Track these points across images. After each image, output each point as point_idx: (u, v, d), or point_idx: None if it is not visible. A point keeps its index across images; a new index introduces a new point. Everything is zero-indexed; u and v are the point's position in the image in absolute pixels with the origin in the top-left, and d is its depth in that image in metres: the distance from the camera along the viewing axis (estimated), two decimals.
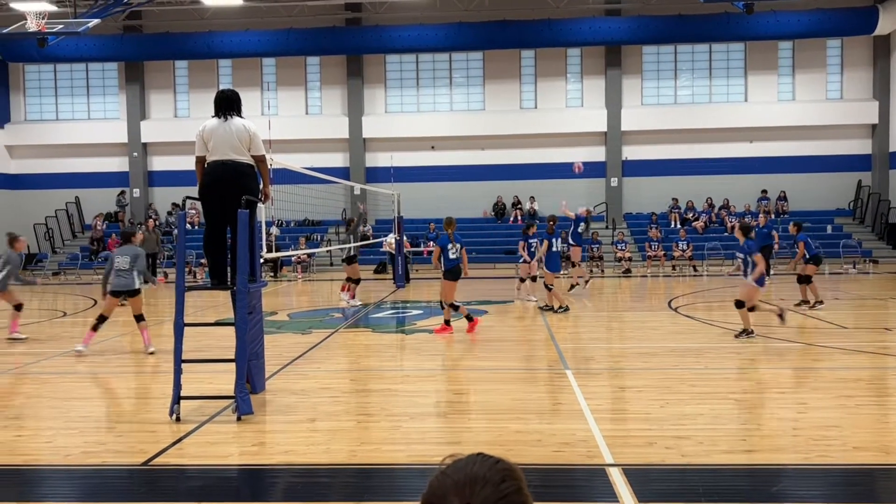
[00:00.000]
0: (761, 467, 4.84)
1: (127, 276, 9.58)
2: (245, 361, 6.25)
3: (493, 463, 1.27)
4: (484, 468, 1.26)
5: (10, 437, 5.79)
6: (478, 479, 1.24)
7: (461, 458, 1.29)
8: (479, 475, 1.24)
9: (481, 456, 1.29)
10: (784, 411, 6.11)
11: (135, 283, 9.61)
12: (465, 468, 1.26)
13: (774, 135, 26.82)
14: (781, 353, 8.90)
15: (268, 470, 5.03)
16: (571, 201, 27.19)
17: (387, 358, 9.37)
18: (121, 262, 9.60)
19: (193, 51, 26.77)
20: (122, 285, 9.57)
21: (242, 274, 6.20)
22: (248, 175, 6.49)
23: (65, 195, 28.28)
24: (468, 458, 1.29)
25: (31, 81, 29.18)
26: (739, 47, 27.07)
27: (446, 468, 1.28)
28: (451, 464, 1.29)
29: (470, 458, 1.29)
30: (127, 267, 9.58)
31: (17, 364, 8.89)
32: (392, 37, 26.01)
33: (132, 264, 9.60)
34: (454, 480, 1.24)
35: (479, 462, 1.27)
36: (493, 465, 1.27)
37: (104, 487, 4.84)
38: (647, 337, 10.40)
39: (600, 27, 25.70)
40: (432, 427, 5.86)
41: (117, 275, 9.60)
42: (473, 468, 1.26)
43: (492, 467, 1.26)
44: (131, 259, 9.61)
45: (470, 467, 1.26)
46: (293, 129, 27.00)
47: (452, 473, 1.26)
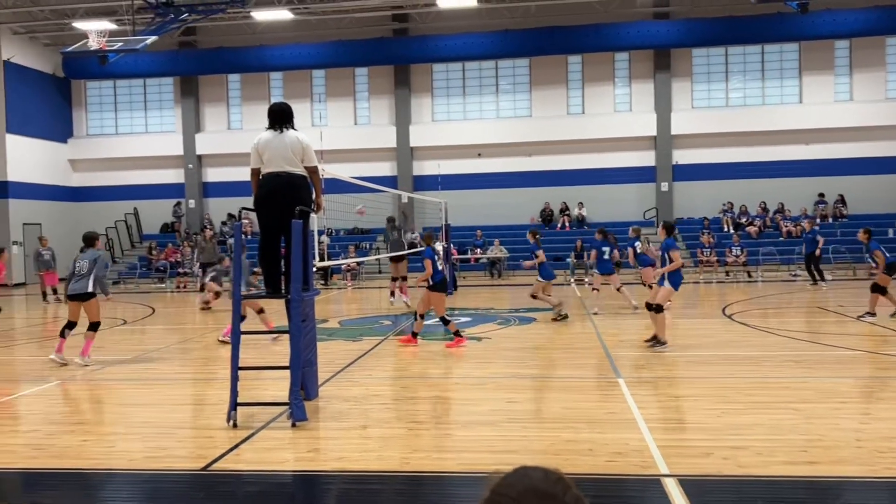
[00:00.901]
0: (823, 479, 4.71)
1: (83, 280, 9.36)
2: (299, 368, 6.36)
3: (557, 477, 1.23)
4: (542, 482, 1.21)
5: (76, 441, 6.01)
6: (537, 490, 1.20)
7: (507, 474, 1.23)
8: (539, 489, 1.20)
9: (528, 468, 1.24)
10: (846, 421, 5.92)
11: (88, 287, 9.33)
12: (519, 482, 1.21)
13: (831, 136, 26.06)
14: (843, 361, 8.63)
15: (323, 476, 5.11)
16: (621, 206, 27.03)
17: (436, 365, 9.40)
18: (80, 266, 9.41)
19: (245, 64, 27.45)
20: (75, 289, 9.38)
21: (296, 283, 6.32)
22: (302, 186, 6.62)
23: (124, 206, 29.23)
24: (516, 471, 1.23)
25: (93, 97, 30.28)
26: (793, 47, 26.42)
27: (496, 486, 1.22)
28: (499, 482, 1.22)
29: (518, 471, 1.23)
30: (84, 272, 9.38)
31: (82, 371, 9.21)
32: (439, 46, 26.20)
33: (89, 269, 9.39)
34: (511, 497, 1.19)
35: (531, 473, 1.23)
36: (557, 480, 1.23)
37: (165, 491, 4.98)
38: (701, 345, 10.20)
39: (648, 31, 25.41)
40: (483, 435, 5.87)
41: (75, 279, 9.41)
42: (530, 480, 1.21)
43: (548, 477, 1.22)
44: (89, 263, 9.42)
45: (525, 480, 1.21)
46: (342, 140, 27.37)
47: (507, 490, 1.20)
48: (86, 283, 9.35)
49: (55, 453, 5.67)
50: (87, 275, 9.37)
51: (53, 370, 9.29)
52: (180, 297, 21.34)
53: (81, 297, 9.37)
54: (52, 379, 8.72)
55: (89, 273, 9.37)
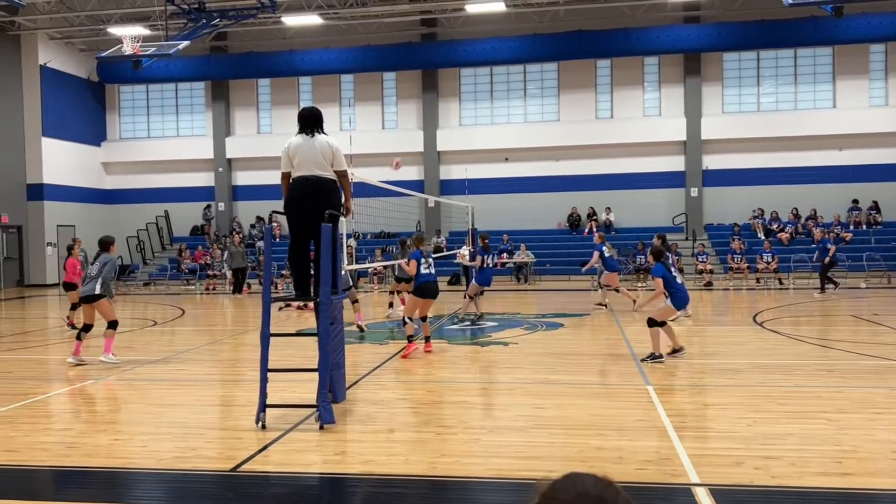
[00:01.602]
0: (857, 492, 4.61)
1: (91, 283, 9.65)
2: (328, 371, 6.39)
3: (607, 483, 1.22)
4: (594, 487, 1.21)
5: (107, 440, 6.10)
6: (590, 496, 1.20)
7: (557, 480, 1.24)
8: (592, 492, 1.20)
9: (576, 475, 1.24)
10: (882, 433, 5.79)
11: (95, 289, 9.61)
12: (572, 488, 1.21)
13: (866, 142, 25.59)
14: (878, 371, 8.45)
15: (350, 479, 5.12)
16: (649, 211, 26.80)
17: (463, 370, 9.39)
18: (91, 269, 9.77)
19: (275, 69, 27.75)
20: (85, 291, 9.72)
21: (325, 286, 6.36)
22: (332, 190, 6.66)
23: (155, 209, 29.69)
24: (566, 477, 1.24)
25: (126, 101, 30.83)
26: (827, 51, 26.00)
27: (548, 491, 1.22)
28: (550, 487, 1.23)
29: (568, 477, 1.24)
30: (94, 274, 9.67)
31: (113, 371, 9.35)
32: (467, 50, 26.23)
33: (98, 272, 9.66)
34: (567, 502, 1.19)
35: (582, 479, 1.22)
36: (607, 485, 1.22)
37: (195, 491, 5.03)
38: (731, 352, 10.06)
39: (679, 35, 25.19)
40: (511, 441, 5.84)
41: (86, 282, 9.77)
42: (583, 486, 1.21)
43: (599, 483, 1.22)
44: (99, 266, 9.71)
45: (577, 486, 1.21)
46: (370, 144, 27.50)
47: (561, 495, 1.20)
48: (94, 286, 9.66)
49: (87, 451, 5.76)
50: (96, 277, 9.67)
51: (87, 370, 9.45)
52: (209, 298, 21.59)
53: (91, 299, 9.68)
54: (85, 378, 8.86)
55: (98, 276, 9.67)
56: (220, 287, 24.10)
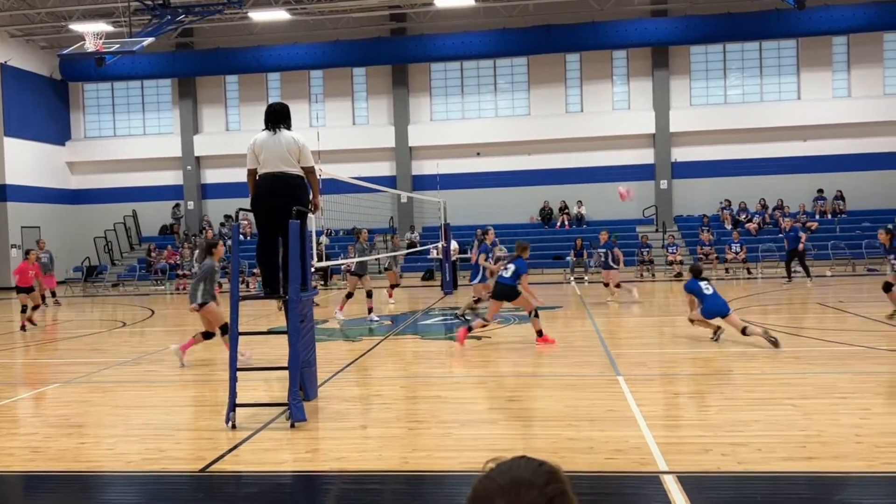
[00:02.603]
0: (822, 475, 4.70)
1: (193, 288, 9.44)
2: (298, 369, 6.35)
3: (537, 465, 1.26)
4: (528, 471, 1.24)
5: (73, 444, 5.99)
6: (523, 482, 1.22)
7: (505, 462, 1.28)
8: (524, 478, 1.23)
9: (525, 459, 1.28)
10: (846, 417, 5.91)
11: (197, 298, 9.27)
12: (509, 471, 1.24)
13: (830, 132, 26.07)
14: (842, 357, 8.62)
15: (321, 476, 5.10)
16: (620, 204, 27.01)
17: (436, 365, 9.39)
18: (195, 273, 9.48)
19: (243, 65, 27.45)
20: (191, 298, 9.47)
21: (294, 283, 6.31)
22: (299, 186, 6.61)
23: (122, 209, 29.25)
24: (512, 460, 1.28)
25: (90, 99, 30.29)
26: (791, 44, 26.42)
27: (490, 472, 1.26)
28: (495, 467, 1.27)
29: (514, 460, 1.27)
30: (196, 280, 9.46)
31: (80, 374, 9.20)
32: (437, 45, 26.19)
33: (199, 278, 9.41)
34: (499, 484, 1.23)
35: (523, 465, 1.26)
36: (537, 467, 1.25)
37: (164, 493, 4.97)
38: (701, 341, 10.19)
39: (646, 28, 25.40)
40: (483, 434, 5.86)
41: (192, 287, 9.46)
42: (518, 471, 1.24)
43: (536, 470, 1.25)
44: (200, 272, 9.50)
45: (514, 470, 1.24)
46: (341, 140, 27.39)
47: (497, 477, 1.24)
48: (195, 295, 9.27)
49: (53, 456, 5.66)
50: (197, 284, 9.32)
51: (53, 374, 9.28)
52: (179, 298, 21.32)
53: (198, 307, 9.28)
54: (51, 382, 8.71)
55: (198, 283, 9.30)
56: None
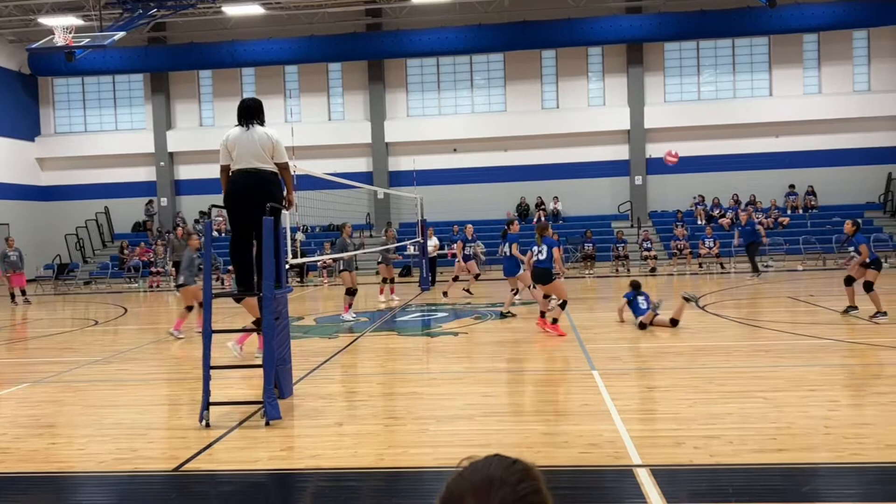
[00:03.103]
0: (792, 466, 4.77)
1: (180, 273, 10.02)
2: (273, 367, 6.31)
3: (509, 464, 1.26)
4: (500, 469, 1.24)
5: (44, 444, 5.90)
6: (495, 480, 1.22)
7: (478, 460, 1.28)
8: (495, 476, 1.23)
9: (498, 457, 1.28)
10: (815, 409, 6.02)
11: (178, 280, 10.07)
12: (482, 470, 1.24)
13: (801, 129, 26.44)
14: (811, 349, 8.77)
15: (296, 474, 5.08)
16: (595, 200, 27.22)
17: (413, 361, 9.39)
18: None
19: (217, 60, 27.14)
20: None
21: (268, 280, 6.27)
22: (272, 182, 6.56)
23: (94, 205, 28.80)
24: (485, 459, 1.28)
25: (60, 94, 29.77)
26: (763, 41, 26.75)
27: (463, 470, 1.27)
28: (468, 466, 1.27)
29: (487, 459, 1.27)
30: None
31: (51, 373, 9.06)
32: (413, 41, 26.12)
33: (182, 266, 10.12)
34: (471, 482, 1.23)
35: (495, 463, 1.26)
36: (509, 465, 1.25)
37: (137, 493, 4.92)
38: (675, 336, 10.30)
39: (621, 25, 25.56)
40: (459, 430, 5.87)
41: None
42: (490, 469, 1.24)
43: (508, 468, 1.25)
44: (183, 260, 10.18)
45: (487, 468, 1.24)
46: (316, 136, 27.22)
47: (469, 475, 1.24)
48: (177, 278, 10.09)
49: (23, 457, 5.57)
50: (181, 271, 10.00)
51: (22, 374, 9.13)
52: (153, 296, 21.09)
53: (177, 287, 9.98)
54: (19, 382, 8.57)
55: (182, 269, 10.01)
56: (164, 284, 23.57)
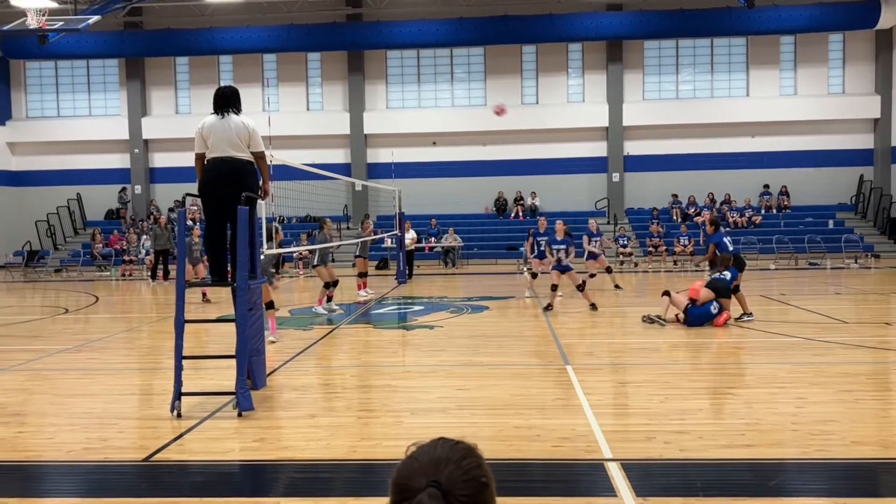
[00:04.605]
0: (760, 461, 4.85)
1: None
2: (246, 358, 6.27)
3: (453, 444, 1.40)
4: (445, 449, 1.38)
5: (11, 433, 5.82)
6: (441, 459, 1.35)
7: (424, 444, 1.41)
8: (442, 456, 1.36)
9: (443, 440, 1.42)
10: (783, 406, 6.12)
11: None
12: (429, 452, 1.38)
13: (776, 129, 26.79)
14: (781, 347, 8.90)
15: (268, 465, 5.05)
16: (573, 196, 27.36)
17: (388, 354, 9.39)
18: None
19: (194, 47, 26.79)
20: None
21: (242, 270, 6.22)
22: (248, 172, 6.50)
23: (66, 192, 28.35)
24: (431, 442, 1.41)
25: (32, 78, 29.21)
26: (741, 42, 27.03)
27: (412, 453, 1.40)
28: (416, 449, 1.41)
29: (432, 442, 1.41)
30: None
31: (19, 361, 8.92)
32: (393, 32, 26.01)
33: None
34: (420, 463, 1.36)
35: (440, 444, 1.39)
36: (453, 445, 1.39)
37: (106, 483, 4.86)
38: (648, 332, 10.40)
39: (601, 22, 25.67)
40: (433, 422, 5.88)
41: None
42: (437, 451, 1.38)
43: (453, 447, 1.39)
44: None
45: (433, 450, 1.38)
46: (294, 126, 27.01)
47: (419, 457, 1.37)
48: None
49: None
50: None
51: None
52: (125, 284, 20.83)
53: None
54: None
55: None
56: (137, 273, 23.29)
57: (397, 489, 1.34)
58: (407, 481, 1.33)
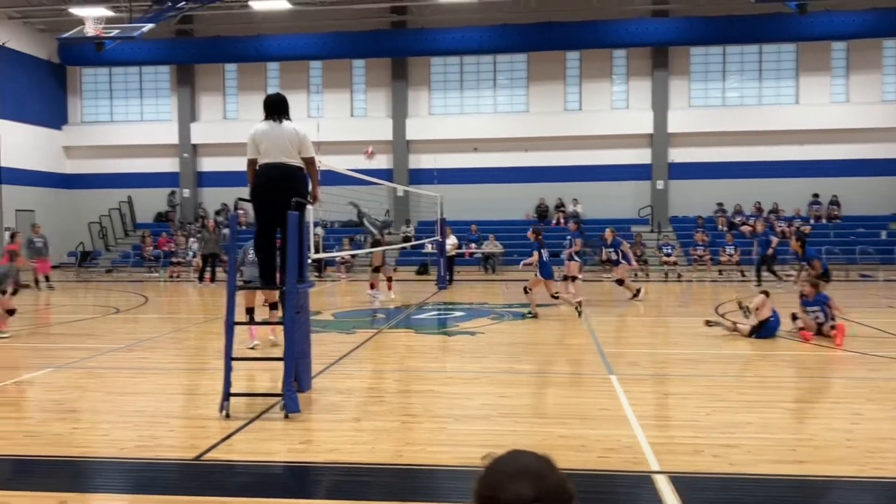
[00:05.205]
0: (812, 479, 4.73)
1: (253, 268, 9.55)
2: (293, 360, 6.36)
3: (537, 456, 1.38)
4: (532, 461, 1.36)
5: (67, 429, 6.00)
6: (532, 471, 1.34)
7: (502, 455, 1.39)
8: (532, 468, 1.35)
9: (523, 451, 1.40)
10: (837, 422, 5.96)
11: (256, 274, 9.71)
12: (512, 462, 1.36)
13: (827, 137, 26.15)
14: (834, 361, 8.68)
15: (314, 467, 5.11)
16: (616, 203, 27.08)
17: (430, 359, 9.42)
18: (249, 256, 9.76)
19: (242, 54, 27.35)
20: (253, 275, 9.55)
21: (291, 274, 6.31)
22: (298, 177, 6.60)
23: (118, 195, 29.14)
24: (512, 453, 1.39)
25: (88, 84, 30.13)
26: (791, 48, 26.47)
27: (495, 465, 1.37)
28: (496, 460, 1.38)
29: (513, 453, 1.39)
30: (251, 260, 9.64)
31: (74, 359, 9.19)
32: (437, 39, 26.15)
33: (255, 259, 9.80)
34: (507, 474, 1.33)
35: (525, 456, 1.38)
36: (538, 458, 1.38)
37: (157, 480, 4.97)
38: (693, 343, 10.24)
39: (647, 28, 25.42)
40: (477, 430, 5.88)
41: (250, 265, 9.66)
42: (523, 462, 1.36)
43: (538, 460, 1.37)
44: None
45: (518, 461, 1.36)
46: (338, 132, 27.32)
47: (504, 468, 1.35)
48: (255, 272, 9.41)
49: (47, 440, 5.66)
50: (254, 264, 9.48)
51: (46, 359, 9.27)
52: (173, 286, 21.29)
53: None
54: (44, 367, 8.70)
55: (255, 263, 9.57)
56: (185, 274, 23.78)
57: (484, 500, 1.33)
58: (496, 492, 1.32)
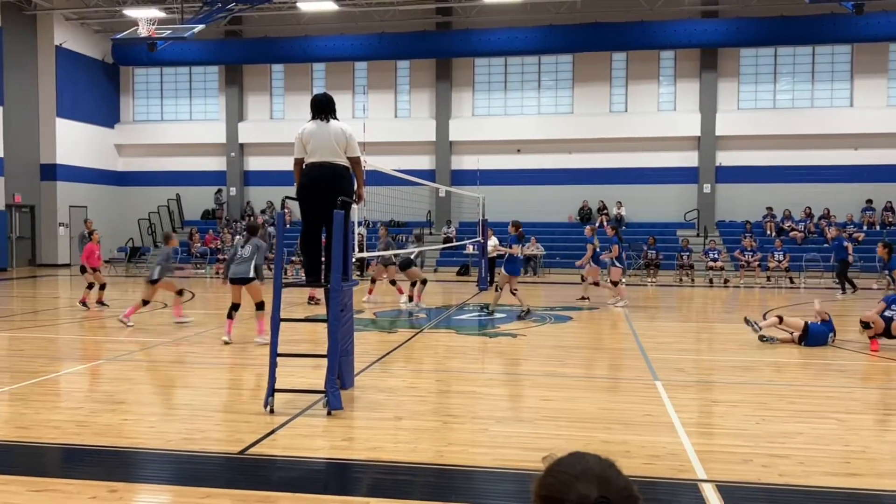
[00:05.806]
0: (865, 492, 4.58)
1: (244, 265, 10.13)
2: (337, 357, 6.40)
3: (601, 458, 1.36)
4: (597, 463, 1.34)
5: (117, 420, 6.14)
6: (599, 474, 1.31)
7: (567, 456, 1.37)
8: (599, 471, 1.32)
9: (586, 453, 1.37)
10: (893, 434, 5.76)
11: (249, 272, 10.11)
12: (577, 463, 1.34)
13: (882, 142, 25.35)
14: (889, 372, 8.40)
15: (356, 465, 5.14)
16: (661, 207, 26.68)
17: (471, 360, 9.40)
18: (243, 252, 10.18)
19: (290, 55, 27.72)
20: (238, 272, 10.14)
21: (337, 272, 6.36)
22: (344, 177, 6.65)
23: (167, 192, 29.81)
24: (574, 454, 1.37)
25: (139, 84, 30.90)
26: (846, 49, 25.73)
27: (557, 466, 1.35)
28: (559, 462, 1.36)
29: (576, 454, 1.37)
30: (247, 257, 10.13)
31: (124, 352, 9.41)
32: (481, 40, 26.11)
33: (251, 255, 10.14)
34: (572, 476, 1.31)
35: (589, 458, 1.35)
36: (602, 460, 1.35)
37: (203, 473, 5.06)
38: (741, 349, 10.02)
39: (696, 29, 24.98)
40: (518, 432, 5.84)
41: (236, 263, 10.19)
42: (588, 464, 1.33)
43: (602, 462, 1.35)
44: (252, 249, 10.16)
45: (583, 463, 1.33)
46: (382, 132, 27.46)
47: (568, 470, 1.33)
48: (247, 268, 10.12)
49: (97, 430, 5.80)
50: (248, 260, 10.13)
51: (98, 351, 9.51)
52: (219, 283, 21.64)
53: (242, 281, 10.14)
54: (96, 358, 8.93)
55: (251, 259, 10.13)
56: None
57: (546, 501, 1.32)
58: (561, 494, 1.31)
